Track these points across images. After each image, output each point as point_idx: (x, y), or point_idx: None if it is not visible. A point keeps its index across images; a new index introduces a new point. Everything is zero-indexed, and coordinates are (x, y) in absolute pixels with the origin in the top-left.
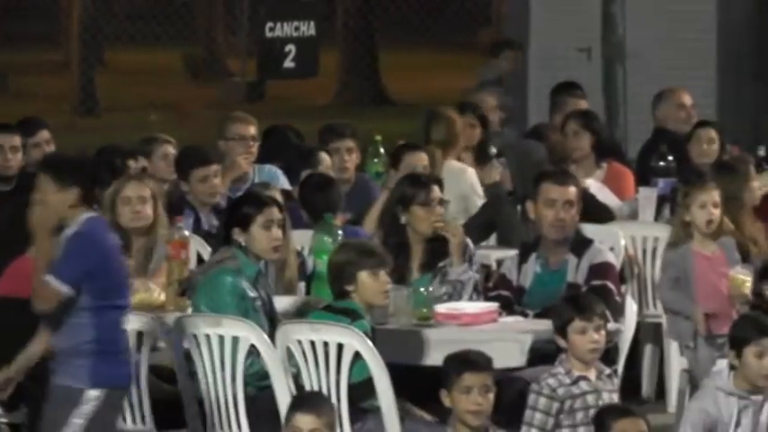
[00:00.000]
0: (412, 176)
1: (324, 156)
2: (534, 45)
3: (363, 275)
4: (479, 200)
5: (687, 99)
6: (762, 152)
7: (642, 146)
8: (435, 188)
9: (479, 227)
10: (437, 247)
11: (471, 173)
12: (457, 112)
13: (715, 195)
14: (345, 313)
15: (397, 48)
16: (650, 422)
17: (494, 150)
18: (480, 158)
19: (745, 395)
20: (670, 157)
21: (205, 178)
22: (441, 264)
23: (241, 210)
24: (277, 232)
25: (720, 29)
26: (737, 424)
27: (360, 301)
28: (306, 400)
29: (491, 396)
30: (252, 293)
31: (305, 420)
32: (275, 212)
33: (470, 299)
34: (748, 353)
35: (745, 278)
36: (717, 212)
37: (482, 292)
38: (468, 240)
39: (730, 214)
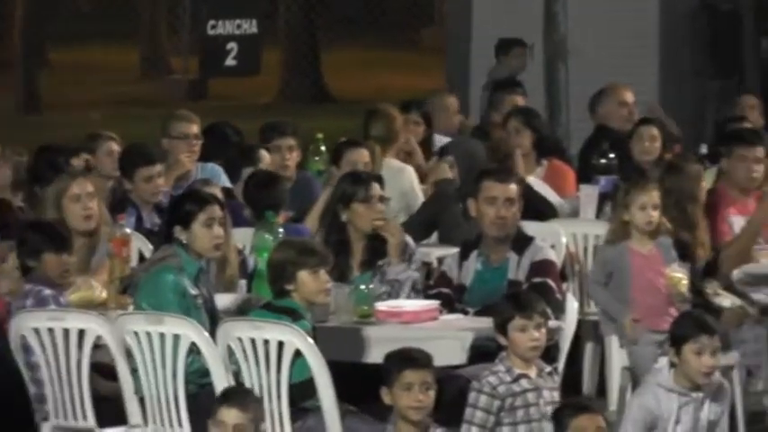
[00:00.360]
0: (352, 174)
1: (264, 153)
2: (476, 43)
3: (303, 275)
4: (420, 197)
5: (629, 96)
6: (704, 150)
7: (583, 143)
8: (375, 185)
9: (422, 224)
10: (378, 246)
11: (410, 171)
12: (401, 110)
13: (655, 197)
14: (285, 312)
15: (340, 46)
16: None
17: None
18: (424, 156)
19: (685, 392)
20: (611, 155)
21: (149, 178)
22: (380, 262)
23: (183, 208)
24: (218, 230)
25: (662, 26)
26: (678, 421)
27: (300, 299)
28: (231, 395)
29: (432, 393)
30: (193, 291)
31: (230, 414)
32: (216, 210)
33: (408, 298)
34: (687, 350)
35: (681, 276)
36: (656, 214)
37: (421, 291)
38: (409, 239)
39: (685, 213)
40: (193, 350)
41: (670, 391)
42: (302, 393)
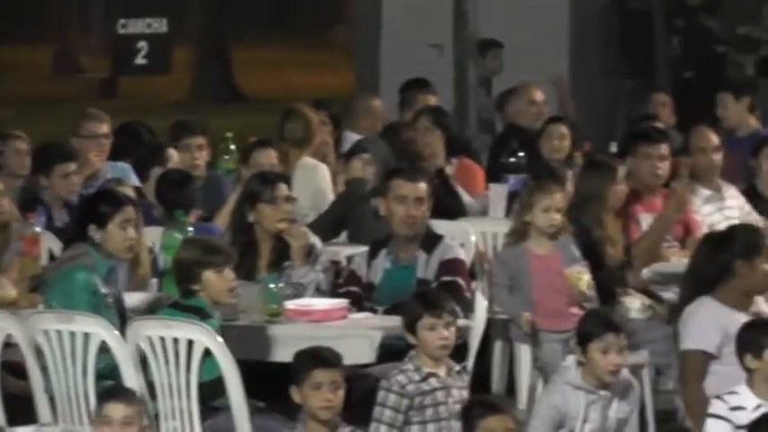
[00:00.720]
0: (259, 174)
1: (172, 152)
2: (386, 41)
3: (208, 274)
4: (329, 196)
5: (538, 95)
6: (614, 148)
7: (493, 141)
8: (282, 185)
9: (331, 223)
10: (285, 246)
11: (323, 169)
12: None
13: (558, 200)
14: (193, 311)
15: (250, 45)
16: None
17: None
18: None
19: (592, 390)
20: (521, 153)
21: (66, 175)
22: (285, 264)
23: (99, 207)
24: (132, 231)
25: (572, 25)
26: (586, 419)
27: (206, 298)
28: (115, 392)
29: (341, 392)
30: (104, 290)
31: (117, 409)
32: (131, 212)
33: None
34: (593, 349)
35: (580, 275)
36: (558, 217)
37: (326, 292)
38: (316, 239)
39: (592, 212)
40: (104, 348)
41: (578, 389)
42: (212, 392)
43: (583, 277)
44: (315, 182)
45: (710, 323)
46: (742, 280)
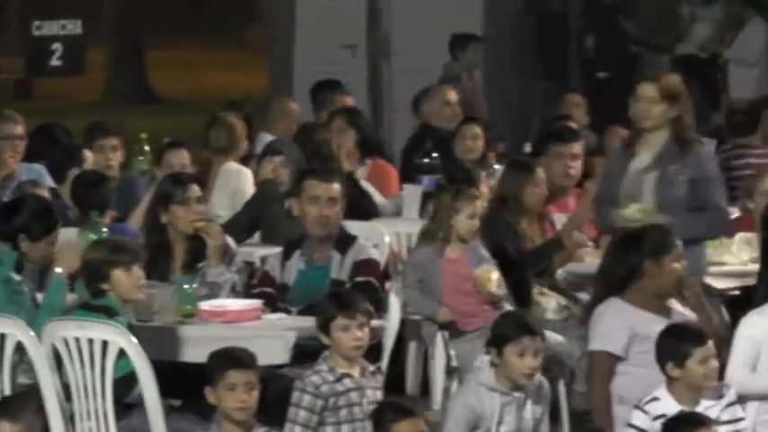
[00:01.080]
0: (172, 175)
1: (87, 153)
2: (300, 42)
3: (117, 272)
4: (245, 199)
5: (452, 96)
6: (528, 148)
7: (406, 142)
8: (194, 186)
9: (244, 224)
10: (199, 247)
11: (247, 173)
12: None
13: (479, 207)
14: (101, 310)
15: (165, 45)
16: None
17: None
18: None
19: (507, 392)
20: (434, 154)
21: None
22: (200, 265)
23: (31, 220)
24: (54, 246)
25: (487, 26)
26: (500, 421)
27: (116, 297)
28: (3, 406)
29: (255, 393)
30: (17, 277)
31: (2, 427)
32: (58, 227)
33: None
34: (509, 352)
35: (488, 274)
36: (477, 222)
37: (241, 293)
38: (231, 240)
39: (510, 212)
40: (20, 349)
41: (492, 390)
42: (124, 388)
43: (492, 277)
44: (238, 187)
45: (617, 324)
46: (651, 280)
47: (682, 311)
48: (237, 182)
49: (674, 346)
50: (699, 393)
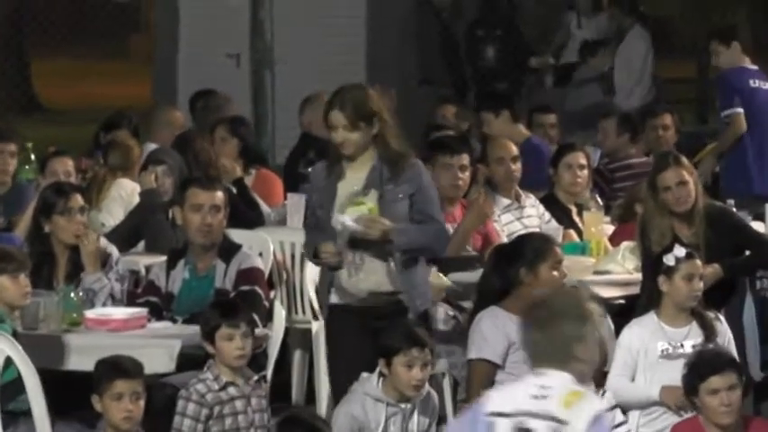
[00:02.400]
0: (54, 185)
1: None
2: (183, 51)
3: (3, 280)
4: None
5: None
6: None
7: (290, 151)
8: (76, 197)
9: (125, 234)
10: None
11: (134, 185)
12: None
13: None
14: None
15: (50, 55)
16: None
17: None
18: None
19: (393, 403)
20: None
21: None
22: (83, 274)
23: None
24: None
25: (370, 34)
26: (385, 431)
27: (2, 305)
28: None
29: (141, 403)
30: None
31: None
32: None
33: (103, 307)
34: (397, 363)
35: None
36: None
37: (121, 301)
38: (112, 248)
39: None
40: None
41: (377, 400)
42: (9, 395)
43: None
44: (124, 196)
45: (494, 332)
46: (527, 288)
47: None
48: (132, 200)
49: None
50: None
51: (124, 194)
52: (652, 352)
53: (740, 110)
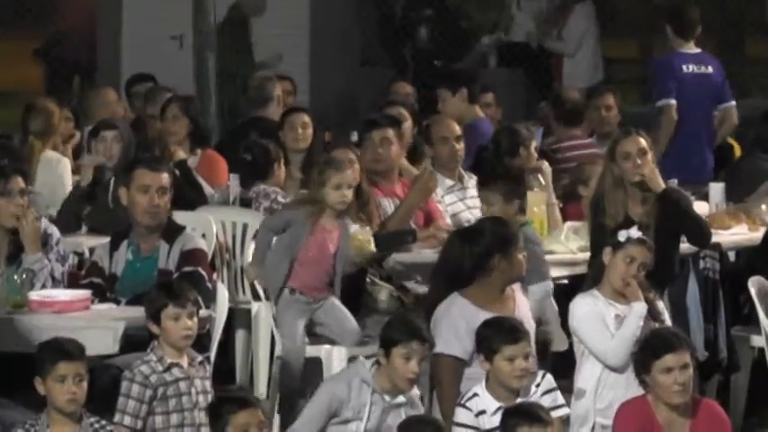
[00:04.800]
0: None
1: None
2: (127, 33)
3: None
4: (68, 188)
5: (284, 86)
6: (354, 137)
7: (228, 132)
8: (17, 178)
9: (69, 215)
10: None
11: (66, 163)
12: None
13: (350, 177)
14: None
15: None
16: None
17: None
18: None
19: (379, 391)
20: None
21: None
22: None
23: None
24: None
25: (313, 15)
26: (368, 418)
27: None
28: None
29: (84, 384)
30: None
31: None
32: None
33: (44, 288)
34: (396, 354)
35: (368, 236)
36: (349, 193)
37: (61, 281)
38: (53, 228)
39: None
40: None
41: (365, 383)
42: None
43: (370, 239)
44: (54, 175)
45: (463, 326)
46: (500, 274)
47: (526, 307)
48: (57, 170)
49: (485, 339)
50: (513, 390)
51: (54, 172)
52: (608, 317)
53: (670, 101)
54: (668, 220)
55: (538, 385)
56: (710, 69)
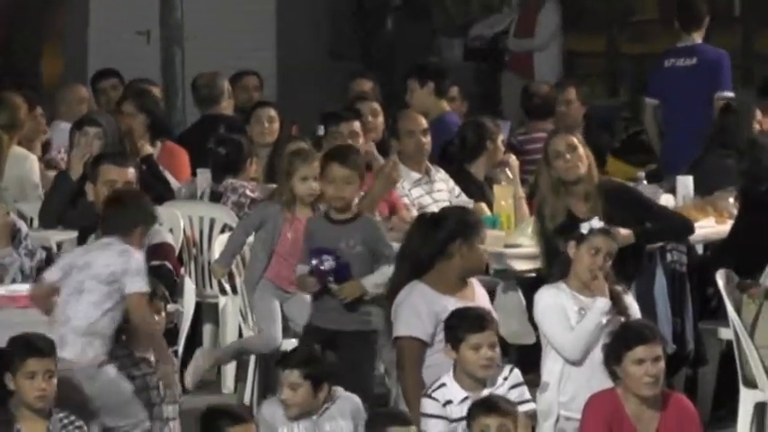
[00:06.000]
0: None
1: None
2: (93, 28)
3: None
4: (37, 186)
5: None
6: (321, 132)
7: (193, 125)
8: None
9: (52, 214)
10: None
11: (33, 159)
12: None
13: (316, 168)
14: None
15: None
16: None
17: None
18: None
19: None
20: None
21: None
22: None
23: None
24: None
25: (280, 10)
26: None
27: None
28: None
29: (54, 381)
30: None
31: None
32: None
33: (14, 283)
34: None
35: None
36: (316, 186)
37: (31, 276)
38: (21, 223)
39: None
40: None
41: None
42: None
43: None
44: (21, 171)
45: (424, 309)
46: (461, 261)
47: (485, 299)
48: (24, 169)
49: (451, 328)
50: (479, 379)
51: (21, 169)
52: (570, 310)
53: (649, 99)
54: (621, 210)
55: (506, 378)
56: (695, 61)
